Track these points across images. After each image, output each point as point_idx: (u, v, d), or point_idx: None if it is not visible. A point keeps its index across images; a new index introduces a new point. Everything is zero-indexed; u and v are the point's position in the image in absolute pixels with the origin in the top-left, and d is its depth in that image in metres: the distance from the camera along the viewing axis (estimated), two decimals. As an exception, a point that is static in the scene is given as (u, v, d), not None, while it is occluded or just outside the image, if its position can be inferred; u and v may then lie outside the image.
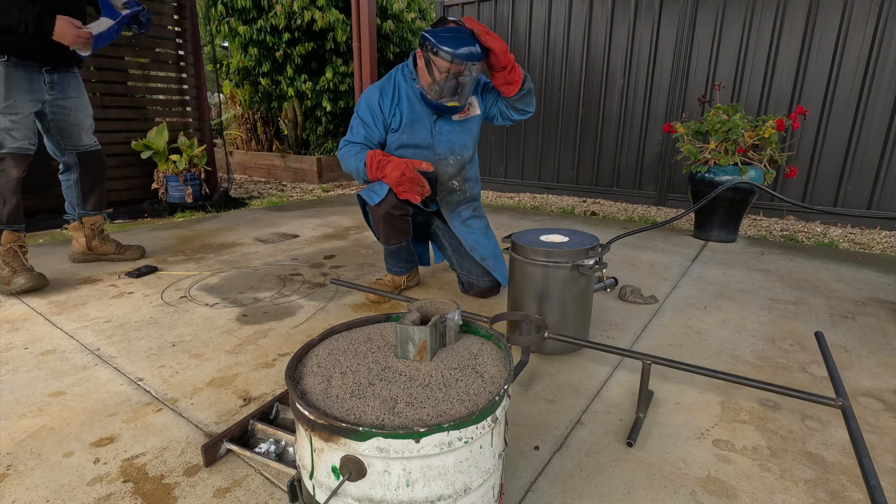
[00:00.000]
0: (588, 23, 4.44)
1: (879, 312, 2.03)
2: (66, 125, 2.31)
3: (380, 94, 1.92)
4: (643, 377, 1.26)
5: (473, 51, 1.72)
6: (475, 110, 1.99)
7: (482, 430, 0.78)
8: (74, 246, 2.59)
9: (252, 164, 6.63)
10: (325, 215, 3.91)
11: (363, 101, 1.94)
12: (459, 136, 1.97)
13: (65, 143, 2.36)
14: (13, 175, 2.13)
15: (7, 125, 2.06)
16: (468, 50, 1.71)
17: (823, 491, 1.06)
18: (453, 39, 1.71)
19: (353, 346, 1.00)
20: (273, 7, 5.47)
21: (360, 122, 1.93)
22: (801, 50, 3.63)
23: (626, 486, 1.06)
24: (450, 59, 1.71)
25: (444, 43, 1.70)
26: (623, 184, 4.60)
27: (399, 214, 1.91)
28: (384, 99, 1.91)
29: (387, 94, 1.92)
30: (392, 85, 1.93)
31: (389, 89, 1.93)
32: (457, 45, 1.70)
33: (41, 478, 1.08)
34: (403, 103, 1.92)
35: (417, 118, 1.92)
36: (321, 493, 0.81)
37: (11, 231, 2.16)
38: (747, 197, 2.99)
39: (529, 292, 1.57)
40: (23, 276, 2.13)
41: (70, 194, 2.50)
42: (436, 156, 1.95)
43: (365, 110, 1.92)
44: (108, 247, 2.62)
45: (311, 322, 1.89)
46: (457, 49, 1.70)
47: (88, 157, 2.45)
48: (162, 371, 1.53)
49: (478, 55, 1.72)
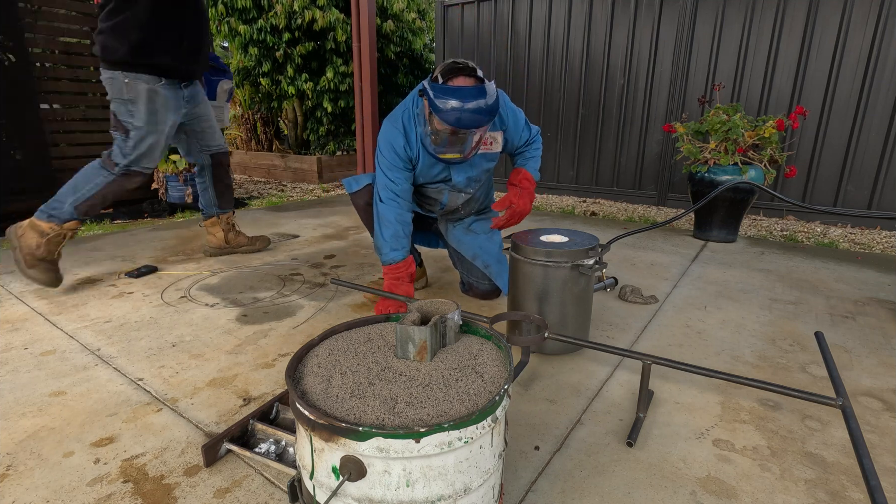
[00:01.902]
0: (588, 23, 4.44)
1: (879, 312, 2.03)
2: (200, 129, 2.46)
3: (404, 139, 1.75)
4: (643, 377, 1.26)
5: (478, 118, 1.49)
6: (497, 147, 1.84)
7: (482, 430, 0.78)
8: (210, 241, 2.72)
9: (252, 164, 6.63)
10: (325, 215, 3.92)
11: (388, 145, 1.76)
12: (477, 172, 1.88)
13: (199, 146, 2.50)
14: (127, 187, 2.23)
15: (151, 143, 2.16)
16: (471, 117, 1.48)
17: (823, 491, 1.06)
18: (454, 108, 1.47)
19: (353, 346, 1.00)
20: (273, 7, 5.47)
21: (396, 169, 1.77)
22: (801, 50, 3.63)
23: (626, 486, 1.06)
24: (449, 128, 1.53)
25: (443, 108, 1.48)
26: (623, 184, 4.60)
27: None
28: (409, 143, 1.76)
29: (410, 135, 1.76)
30: (412, 122, 1.76)
31: (412, 128, 1.76)
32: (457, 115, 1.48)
33: (41, 478, 1.08)
34: (420, 146, 1.78)
35: (433, 161, 1.80)
36: (321, 493, 0.81)
37: (76, 221, 2.19)
38: (747, 197, 2.99)
39: (529, 292, 1.57)
40: (41, 269, 2.10)
41: (206, 195, 2.65)
42: (451, 188, 1.90)
43: (393, 156, 1.76)
44: (242, 238, 2.77)
45: (311, 322, 1.89)
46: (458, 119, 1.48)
47: (220, 157, 2.58)
48: (162, 371, 1.53)
49: (483, 121, 1.51)
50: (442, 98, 1.48)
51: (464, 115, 1.48)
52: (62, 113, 3.79)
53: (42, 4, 3.50)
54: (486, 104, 1.49)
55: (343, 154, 6.30)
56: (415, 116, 1.76)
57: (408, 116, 1.76)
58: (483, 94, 1.49)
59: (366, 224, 2.01)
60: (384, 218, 1.79)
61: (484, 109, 1.49)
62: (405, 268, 1.78)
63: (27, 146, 3.54)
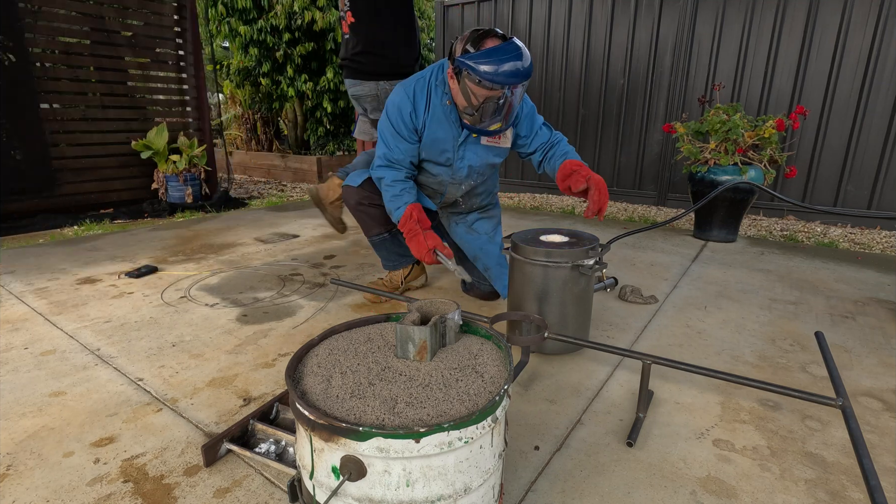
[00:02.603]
0: (588, 23, 4.44)
1: (879, 312, 2.03)
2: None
3: (412, 106, 1.72)
4: (643, 377, 1.26)
5: (525, 70, 1.47)
6: (506, 142, 1.80)
7: (482, 430, 0.78)
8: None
9: (252, 164, 6.63)
10: (325, 215, 3.91)
11: (395, 109, 1.73)
12: (481, 163, 1.84)
13: None
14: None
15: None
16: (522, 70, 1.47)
17: (823, 491, 1.06)
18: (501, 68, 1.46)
19: (353, 346, 1.00)
20: (273, 7, 5.47)
21: (396, 136, 1.75)
22: (801, 50, 3.63)
23: (626, 486, 1.06)
24: (490, 84, 1.48)
25: (491, 70, 1.46)
26: (623, 184, 4.59)
27: (369, 204, 1.93)
28: (417, 111, 1.72)
29: (419, 105, 1.72)
30: (425, 93, 1.72)
31: (422, 99, 1.72)
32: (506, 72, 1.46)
33: (41, 478, 1.08)
34: (430, 117, 1.73)
35: (443, 136, 1.75)
36: (321, 493, 0.81)
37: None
38: (747, 197, 2.99)
39: (529, 292, 1.57)
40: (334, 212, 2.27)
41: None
42: (451, 177, 1.86)
43: (399, 122, 1.73)
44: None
45: (311, 322, 1.89)
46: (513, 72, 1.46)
47: None
48: (162, 371, 1.53)
49: (528, 72, 1.49)
50: (485, 61, 1.46)
51: (512, 70, 1.47)
52: (62, 113, 3.79)
53: (42, 4, 3.50)
54: (524, 54, 1.50)
55: (343, 154, 6.30)
56: (431, 89, 1.71)
57: (422, 86, 1.72)
58: (518, 48, 1.49)
59: (359, 223, 2.03)
60: (382, 181, 1.78)
61: (525, 60, 1.49)
62: (410, 216, 1.68)
63: (27, 146, 3.54)
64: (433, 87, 1.71)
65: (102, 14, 3.84)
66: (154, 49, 4.12)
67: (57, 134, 3.75)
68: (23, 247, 2.93)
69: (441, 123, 1.73)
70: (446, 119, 1.73)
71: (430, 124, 1.73)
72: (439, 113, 1.72)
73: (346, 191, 1.97)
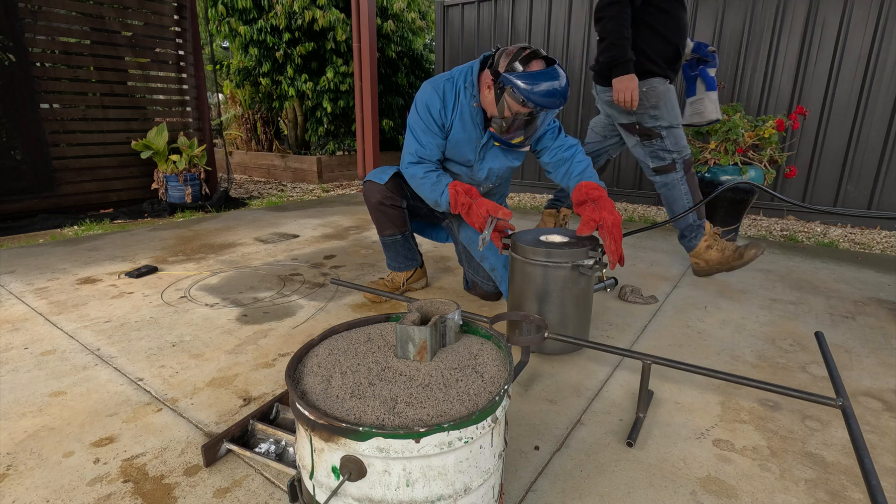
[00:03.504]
0: (588, 23, 4.44)
1: (879, 312, 2.03)
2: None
3: (441, 104, 1.77)
4: (643, 377, 1.26)
5: (563, 96, 1.58)
6: (525, 145, 1.83)
7: (482, 431, 0.78)
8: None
9: (252, 164, 6.63)
10: (325, 215, 3.92)
11: (423, 105, 1.78)
12: (501, 167, 1.90)
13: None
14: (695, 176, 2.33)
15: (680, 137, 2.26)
16: (560, 98, 1.58)
17: (823, 491, 1.06)
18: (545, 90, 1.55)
19: (353, 346, 1.00)
20: (273, 7, 5.47)
21: (426, 131, 1.79)
22: (801, 50, 3.63)
23: (626, 486, 1.06)
24: (533, 106, 1.58)
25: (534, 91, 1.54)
26: (623, 184, 4.59)
27: (390, 205, 1.94)
28: (446, 109, 1.78)
29: (448, 103, 1.78)
30: (454, 93, 1.78)
31: (451, 98, 1.78)
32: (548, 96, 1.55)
33: (41, 478, 1.08)
34: (457, 116, 1.78)
35: (467, 137, 1.81)
36: (321, 493, 0.81)
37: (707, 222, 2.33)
38: (747, 197, 2.99)
39: (529, 292, 1.57)
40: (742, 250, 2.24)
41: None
42: (471, 178, 1.91)
43: (428, 117, 1.78)
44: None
45: (311, 322, 1.89)
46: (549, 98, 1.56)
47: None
48: (162, 371, 1.53)
49: (564, 100, 1.60)
50: (531, 82, 1.55)
51: (554, 94, 1.56)
52: (62, 113, 3.79)
53: (42, 4, 3.50)
54: (566, 81, 1.60)
55: (343, 154, 6.30)
56: (459, 90, 1.77)
57: (450, 86, 1.78)
58: (560, 74, 1.58)
59: (374, 221, 2.03)
60: (415, 177, 1.81)
61: (566, 87, 1.59)
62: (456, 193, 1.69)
63: (27, 146, 3.54)
64: (461, 88, 1.77)
65: (102, 14, 3.85)
66: (154, 49, 4.11)
67: (57, 134, 3.75)
68: (23, 247, 2.93)
69: (467, 125, 1.79)
70: (472, 121, 1.78)
71: (456, 124, 1.79)
72: (466, 114, 1.77)
73: (370, 187, 1.96)
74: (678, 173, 2.26)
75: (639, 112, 2.21)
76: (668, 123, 2.21)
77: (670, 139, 2.23)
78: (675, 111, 2.22)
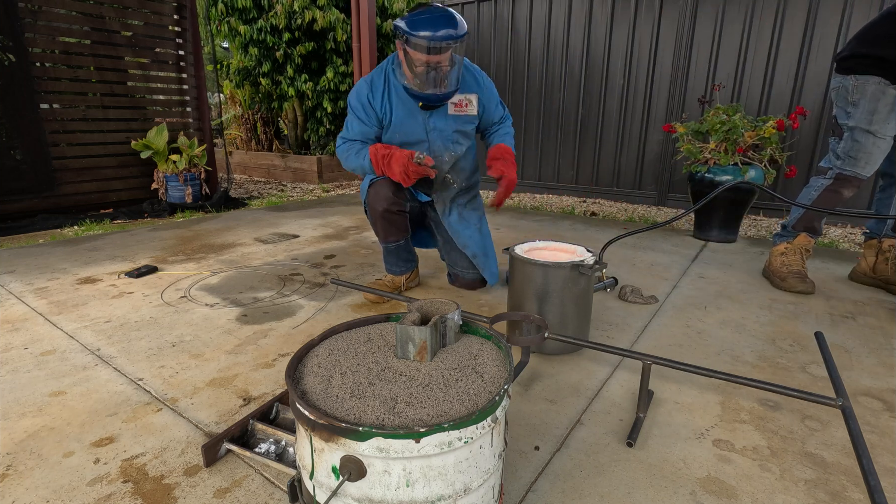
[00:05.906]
0: (588, 23, 4.44)
1: (879, 312, 2.03)
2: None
3: (369, 89, 1.85)
4: (643, 377, 1.26)
5: (451, 32, 1.62)
6: (472, 109, 1.91)
7: (482, 431, 0.78)
8: (861, 264, 2.37)
9: (252, 164, 6.63)
10: (325, 215, 3.91)
11: (354, 94, 1.88)
12: (454, 132, 1.94)
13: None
14: (843, 195, 2.14)
15: (863, 144, 2.04)
16: (445, 32, 1.61)
17: (823, 491, 1.06)
18: (426, 22, 1.61)
19: (353, 346, 1.00)
20: (273, 7, 5.47)
21: (354, 118, 1.89)
22: (801, 50, 3.63)
23: (626, 486, 1.06)
24: (425, 44, 1.62)
25: (416, 31, 1.61)
26: (623, 184, 4.59)
27: (396, 210, 1.95)
28: (374, 94, 1.85)
29: (377, 88, 1.85)
30: (382, 78, 1.86)
31: (380, 83, 1.86)
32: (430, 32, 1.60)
33: (41, 478, 1.08)
34: (394, 97, 1.85)
35: (409, 113, 1.87)
36: (321, 493, 0.81)
37: (807, 236, 2.28)
38: (747, 197, 2.99)
39: (529, 292, 1.57)
40: (796, 278, 2.22)
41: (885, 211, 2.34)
42: (430, 152, 1.93)
43: (357, 105, 1.87)
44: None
45: (311, 322, 1.89)
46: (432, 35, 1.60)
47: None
48: (162, 371, 1.53)
49: (456, 34, 1.63)
50: (413, 21, 1.63)
51: (437, 32, 1.62)
52: (62, 113, 3.79)
53: (42, 4, 3.50)
54: (453, 17, 1.65)
55: (343, 154, 6.29)
56: (388, 73, 1.86)
57: (379, 72, 1.88)
58: (445, 11, 1.65)
59: (379, 229, 2.03)
60: (342, 154, 1.92)
61: (454, 21, 1.64)
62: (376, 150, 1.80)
63: (27, 146, 3.54)
64: (390, 71, 1.87)
65: (102, 14, 3.84)
66: (154, 49, 4.11)
67: (57, 134, 3.75)
68: (23, 247, 2.93)
69: (405, 102, 1.86)
70: (408, 97, 1.85)
71: (395, 105, 1.86)
72: (402, 92, 1.85)
73: (377, 192, 1.93)
74: (826, 180, 2.15)
75: (839, 104, 2.11)
76: (855, 125, 2.04)
77: (847, 143, 2.07)
78: (870, 116, 2.00)
